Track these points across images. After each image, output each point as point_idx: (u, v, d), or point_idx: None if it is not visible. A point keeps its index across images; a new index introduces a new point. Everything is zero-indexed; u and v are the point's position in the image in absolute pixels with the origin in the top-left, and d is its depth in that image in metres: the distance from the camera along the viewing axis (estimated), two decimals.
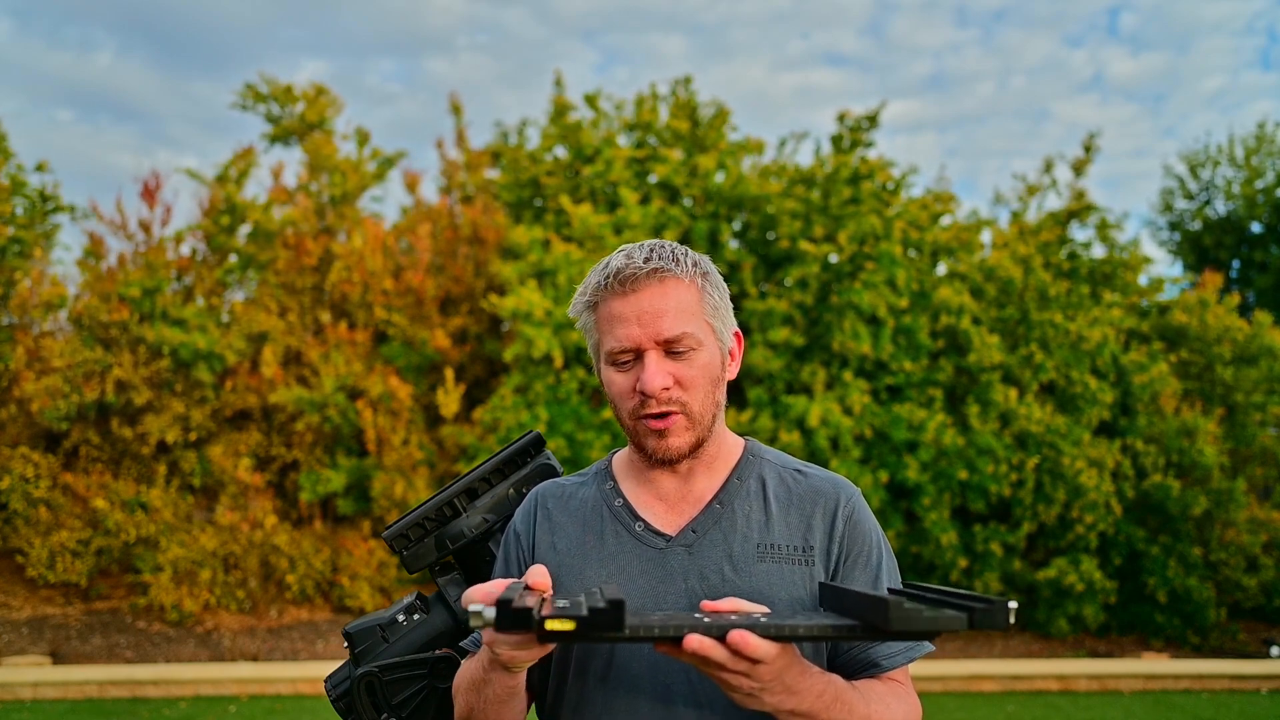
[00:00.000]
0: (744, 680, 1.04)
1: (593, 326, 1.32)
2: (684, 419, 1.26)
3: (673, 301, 1.25)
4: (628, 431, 1.31)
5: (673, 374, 1.25)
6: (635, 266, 1.26)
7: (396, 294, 10.87)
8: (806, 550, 1.28)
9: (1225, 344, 10.99)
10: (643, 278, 1.25)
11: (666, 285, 1.26)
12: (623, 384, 1.28)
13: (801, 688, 1.09)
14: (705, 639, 0.99)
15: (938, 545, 9.55)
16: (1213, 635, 9.85)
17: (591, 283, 1.30)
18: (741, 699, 1.07)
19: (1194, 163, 20.05)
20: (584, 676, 1.27)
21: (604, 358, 1.30)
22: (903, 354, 9.94)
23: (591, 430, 9.32)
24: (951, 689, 7.75)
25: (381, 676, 1.49)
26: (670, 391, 1.25)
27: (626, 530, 1.32)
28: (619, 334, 1.26)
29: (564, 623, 0.95)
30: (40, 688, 7.19)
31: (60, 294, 10.32)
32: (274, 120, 12.83)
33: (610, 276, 1.27)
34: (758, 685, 1.05)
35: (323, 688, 1.59)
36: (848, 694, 1.16)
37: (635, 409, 1.27)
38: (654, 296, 1.25)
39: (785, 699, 1.08)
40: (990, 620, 0.99)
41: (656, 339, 1.24)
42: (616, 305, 1.26)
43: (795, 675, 1.08)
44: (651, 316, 1.24)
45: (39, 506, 9.68)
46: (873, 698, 1.20)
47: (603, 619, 0.96)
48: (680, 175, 10.83)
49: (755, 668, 1.02)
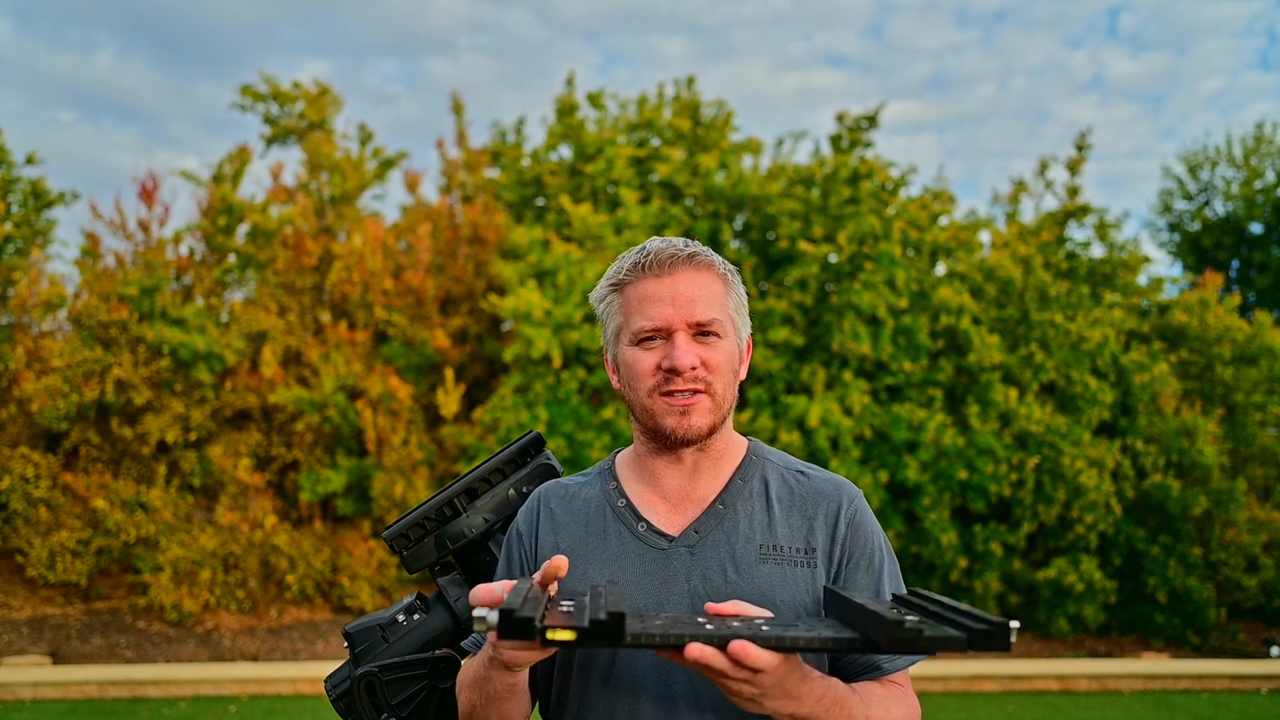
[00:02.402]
0: (745, 687, 1.06)
1: (618, 308, 1.34)
2: (709, 400, 1.29)
3: (705, 289, 1.30)
4: (643, 413, 1.31)
5: (700, 356, 1.28)
6: (675, 249, 1.31)
7: (396, 294, 10.87)
8: (809, 552, 1.29)
9: (1225, 344, 10.99)
10: (681, 262, 1.30)
11: (702, 273, 1.31)
12: (647, 362, 1.29)
13: (802, 693, 1.11)
14: (706, 648, 1.00)
15: (938, 545, 9.54)
16: (1213, 635, 9.85)
17: (626, 263, 1.33)
18: (743, 704, 1.09)
19: (1193, 163, 20.05)
20: (587, 678, 1.27)
21: (628, 337, 1.32)
22: (902, 354, 9.94)
23: (591, 430, 9.31)
24: (952, 689, 7.76)
25: (381, 676, 1.49)
26: (698, 371, 1.27)
27: (629, 531, 1.32)
28: (651, 313, 1.28)
29: (565, 633, 0.97)
30: (40, 688, 7.19)
31: (59, 293, 10.31)
32: (271, 121, 12.82)
33: (648, 257, 1.30)
34: (759, 691, 1.06)
35: (323, 688, 1.59)
36: (847, 698, 1.18)
37: (657, 386, 1.29)
38: (689, 281, 1.29)
39: (786, 704, 1.10)
40: (990, 642, 0.99)
41: (689, 321, 1.28)
42: (651, 286, 1.29)
43: (795, 681, 1.10)
44: (686, 300, 1.28)
45: (39, 506, 9.68)
46: (872, 701, 1.22)
47: (603, 630, 0.98)
48: (682, 174, 10.83)
49: (756, 676, 1.04)
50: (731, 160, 11.20)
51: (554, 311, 9.37)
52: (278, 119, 12.80)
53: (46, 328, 10.75)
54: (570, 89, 11.98)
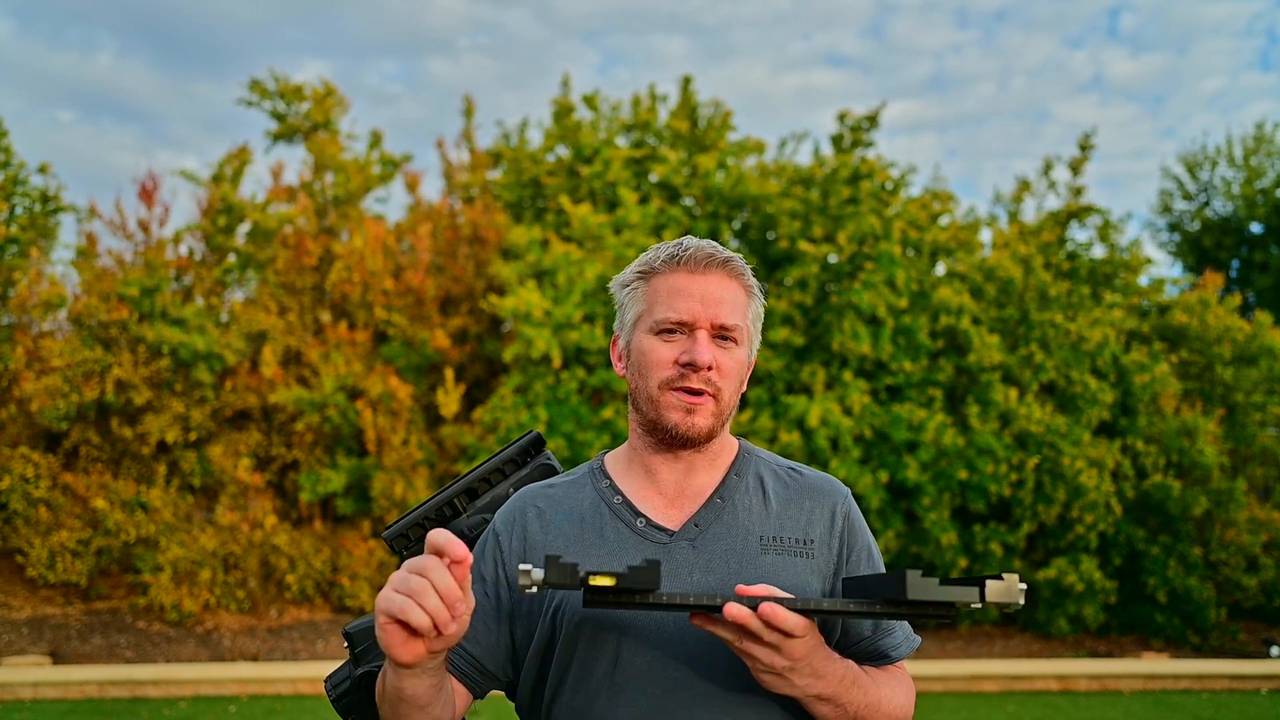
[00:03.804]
0: (775, 657, 1.10)
1: (641, 295, 1.36)
2: (714, 403, 1.31)
3: (733, 295, 1.34)
4: (649, 405, 1.32)
5: (716, 358, 1.31)
6: (712, 250, 1.34)
7: (396, 294, 10.87)
8: (807, 543, 1.31)
9: (1225, 344, 10.99)
10: (717, 264, 1.33)
11: (733, 280, 1.35)
12: (665, 353, 1.31)
13: (827, 671, 1.16)
14: (744, 608, 1.05)
15: (938, 545, 9.55)
16: (1213, 635, 9.85)
17: (663, 254, 1.35)
18: (771, 680, 1.13)
19: (1193, 163, 20.04)
20: (589, 676, 1.25)
21: (649, 326, 1.33)
22: (902, 354, 9.94)
23: (591, 430, 9.31)
24: (952, 689, 7.76)
25: None
26: (710, 374, 1.30)
27: (628, 527, 1.32)
28: (679, 305, 1.31)
29: (605, 578, 1.02)
30: (40, 688, 7.19)
31: (59, 294, 10.31)
32: (279, 117, 12.78)
33: (686, 252, 1.33)
34: (788, 664, 1.11)
35: (323, 688, 1.59)
36: (862, 678, 1.24)
37: (670, 379, 1.30)
38: (720, 284, 1.33)
39: (813, 682, 1.15)
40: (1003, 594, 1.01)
41: (713, 321, 1.31)
42: (682, 280, 1.32)
43: (821, 659, 1.15)
44: (714, 300, 1.31)
45: (39, 506, 9.68)
46: (881, 682, 1.28)
47: (641, 577, 1.02)
48: (680, 175, 10.83)
49: (787, 642, 1.08)
50: (730, 160, 11.19)
51: (554, 311, 9.36)
52: (284, 116, 12.77)
53: (46, 328, 10.75)
54: (566, 90, 11.98)
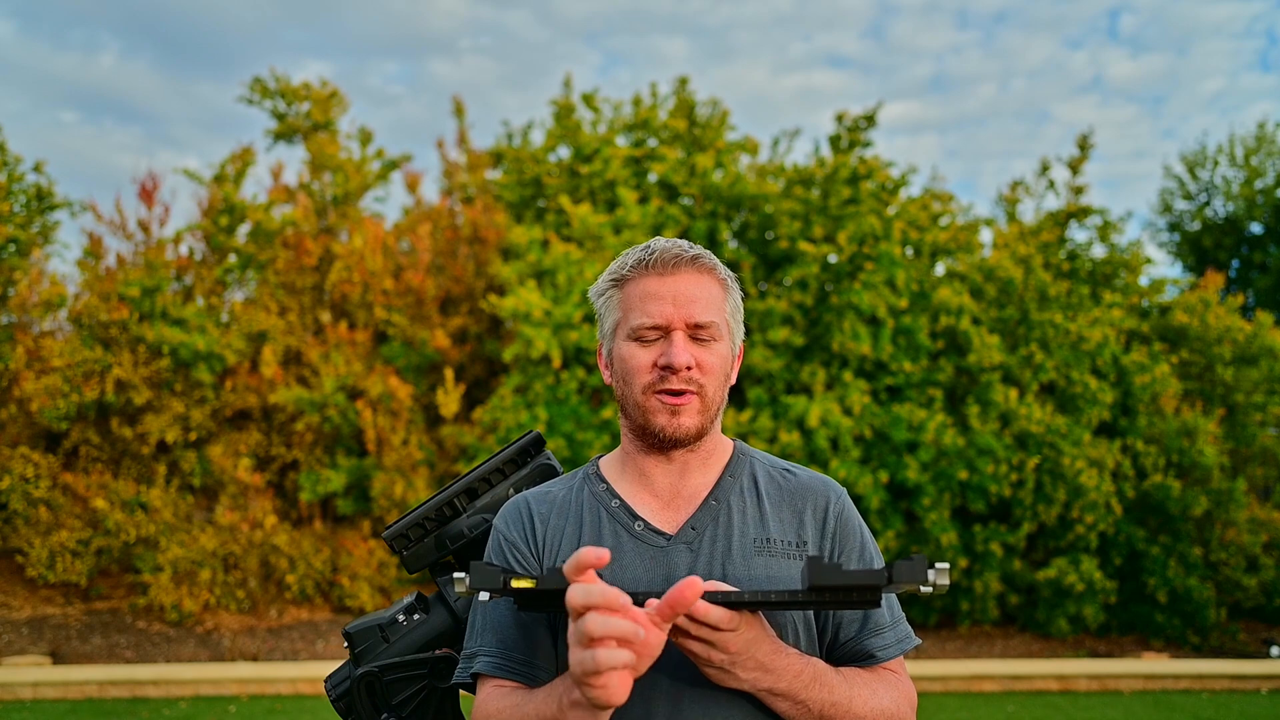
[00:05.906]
0: (712, 652, 1.09)
1: (617, 303, 1.36)
2: (699, 401, 1.31)
3: (705, 291, 1.32)
4: (636, 410, 1.33)
5: (695, 356, 1.30)
6: (680, 250, 1.33)
7: (396, 294, 10.86)
8: (800, 545, 1.32)
9: (1226, 344, 10.98)
10: (685, 263, 1.32)
11: (703, 275, 1.33)
12: (643, 358, 1.31)
13: (777, 666, 1.13)
14: (640, 611, 1.02)
15: (938, 545, 9.54)
16: (1213, 635, 9.85)
17: (630, 260, 1.35)
18: (717, 674, 1.12)
19: (1193, 164, 20.04)
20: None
21: (626, 333, 1.33)
22: (902, 354, 9.94)
23: (591, 430, 9.31)
24: (952, 689, 7.76)
25: (381, 676, 1.49)
26: (691, 372, 1.29)
27: (626, 530, 1.32)
28: (651, 309, 1.30)
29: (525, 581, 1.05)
30: (40, 688, 7.19)
31: (60, 293, 10.31)
32: (280, 117, 12.78)
33: (653, 255, 1.33)
34: (725, 658, 1.09)
35: (323, 688, 1.59)
36: (829, 676, 1.20)
37: (652, 384, 1.30)
38: (691, 282, 1.32)
39: (761, 676, 1.13)
40: (909, 574, 1.01)
41: (687, 321, 1.30)
42: (653, 284, 1.32)
43: (767, 652, 1.13)
44: (686, 299, 1.30)
45: (39, 506, 9.68)
46: (857, 682, 1.23)
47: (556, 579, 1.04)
48: (679, 174, 10.83)
49: (717, 635, 1.07)
50: (728, 160, 11.19)
51: (553, 311, 9.36)
52: (285, 115, 12.78)
53: (47, 328, 10.75)
54: (567, 90, 11.99)
